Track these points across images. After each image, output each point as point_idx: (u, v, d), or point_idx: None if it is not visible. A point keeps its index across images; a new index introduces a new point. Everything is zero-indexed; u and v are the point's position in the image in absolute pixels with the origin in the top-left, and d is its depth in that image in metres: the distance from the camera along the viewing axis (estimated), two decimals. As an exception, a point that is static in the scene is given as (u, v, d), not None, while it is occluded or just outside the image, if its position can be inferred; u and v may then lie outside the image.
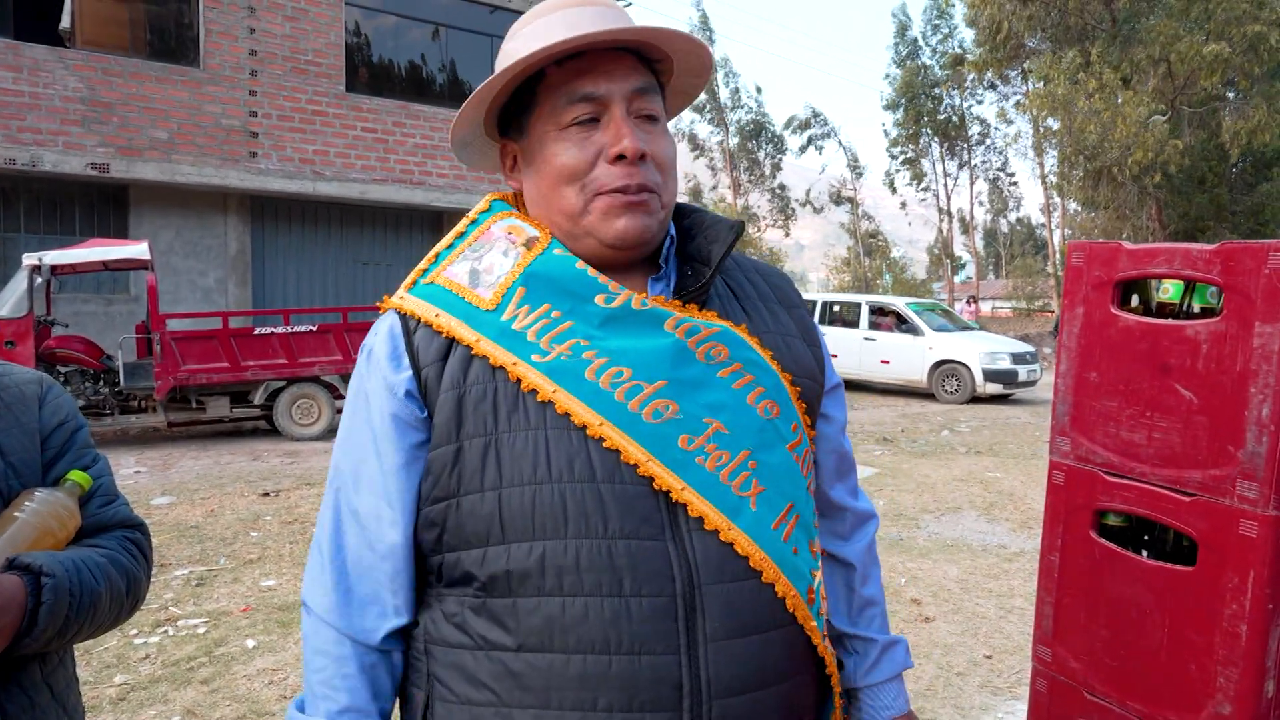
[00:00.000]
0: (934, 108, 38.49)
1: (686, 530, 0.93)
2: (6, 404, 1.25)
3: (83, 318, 11.81)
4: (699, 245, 1.07)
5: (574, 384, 0.94)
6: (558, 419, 0.94)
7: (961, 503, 6.95)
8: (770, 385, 1.03)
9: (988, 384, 13.90)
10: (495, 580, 0.93)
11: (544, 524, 0.91)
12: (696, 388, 0.98)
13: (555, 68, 1.00)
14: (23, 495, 1.19)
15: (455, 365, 0.97)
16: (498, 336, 0.97)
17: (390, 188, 14.32)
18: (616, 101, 0.99)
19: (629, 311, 0.99)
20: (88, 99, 11.92)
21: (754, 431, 0.99)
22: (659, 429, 0.94)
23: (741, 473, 0.96)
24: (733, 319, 1.05)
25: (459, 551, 0.96)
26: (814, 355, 1.13)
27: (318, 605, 1.01)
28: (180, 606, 4.43)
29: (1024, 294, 40.40)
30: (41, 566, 1.10)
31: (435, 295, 1.02)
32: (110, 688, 3.48)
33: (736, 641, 0.92)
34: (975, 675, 3.69)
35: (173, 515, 6.35)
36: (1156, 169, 21.28)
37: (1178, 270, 1.59)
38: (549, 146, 1.01)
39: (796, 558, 0.98)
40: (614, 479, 0.92)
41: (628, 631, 0.89)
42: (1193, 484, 1.54)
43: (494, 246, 1.04)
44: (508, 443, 0.94)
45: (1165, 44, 20.88)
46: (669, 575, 0.91)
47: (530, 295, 0.99)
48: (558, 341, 0.96)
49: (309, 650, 1.02)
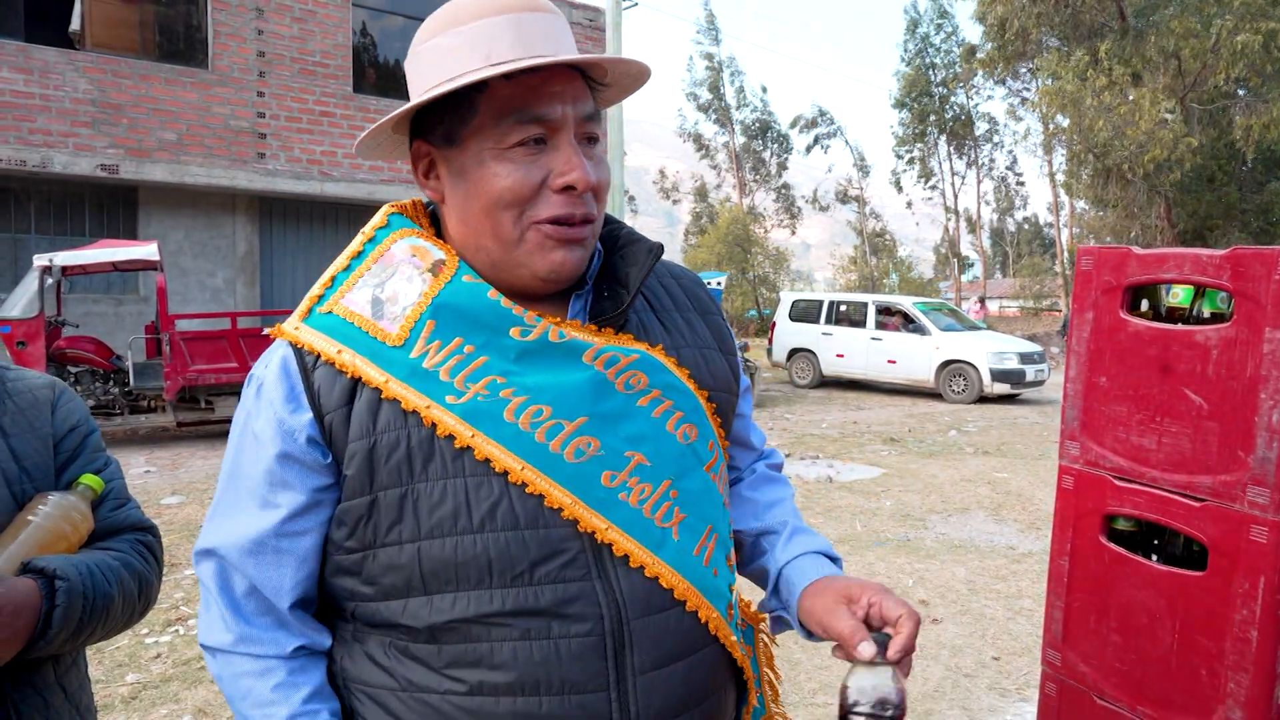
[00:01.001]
0: (941, 106, 38.41)
1: (612, 567, 0.91)
2: (20, 408, 1.26)
3: (93, 318, 11.88)
4: (616, 265, 1.03)
5: (492, 427, 0.90)
6: (476, 465, 0.89)
7: (969, 503, 6.94)
8: (688, 408, 1.00)
9: (995, 384, 13.86)
10: (418, 628, 0.90)
11: (468, 574, 0.88)
12: (617, 420, 0.95)
13: (504, 81, 0.91)
14: (36, 499, 1.20)
15: (363, 410, 0.91)
16: (408, 376, 0.91)
17: (397, 188, 14.36)
18: (568, 126, 0.93)
19: (546, 345, 0.94)
20: (97, 101, 11.98)
21: (674, 459, 0.97)
22: (581, 469, 0.91)
23: (664, 503, 0.95)
24: (650, 338, 1.02)
25: (377, 602, 0.93)
26: (729, 365, 1.10)
27: (222, 643, 0.96)
28: (190, 606, 4.45)
29: (1031, 293, 40.29)
30: (55, 570, 1.11)
31: (334, 328, 0.94)
32: (122, 686, 3.50)
33: (663, 671, 0.92)
34: (983, 677, 3.69)
35: (183, 514, 6.38)
36: (1170, 167, 21.17)
37: (1188, 275, 1.59)
38: (488, 165, 0.92)
39: (716, 579, 0.99)
40: (537, 524, 0.89)
41: (557, 672, 0.88)
42: (1203, 489, 1.53)
43: (397, 271, 0.96)
44: (425, 493, 0.89)
45: (1179, 38, 20.76)
46: (597, 614, 0.89)
47: (440, 329, 0.93)
48: (472, 380, 0.91)
49: (229, 688, 0.96)
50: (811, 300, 17.04)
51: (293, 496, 0.93)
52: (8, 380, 1.29)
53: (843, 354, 15.77)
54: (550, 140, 0.92)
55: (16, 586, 1.06)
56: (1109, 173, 23.17)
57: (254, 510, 0.95)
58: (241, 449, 0.97)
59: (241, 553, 0.95)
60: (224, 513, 0.98)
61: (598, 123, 0.97)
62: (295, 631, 0.97)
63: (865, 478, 7.98)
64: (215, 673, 0.99)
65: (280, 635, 0.96)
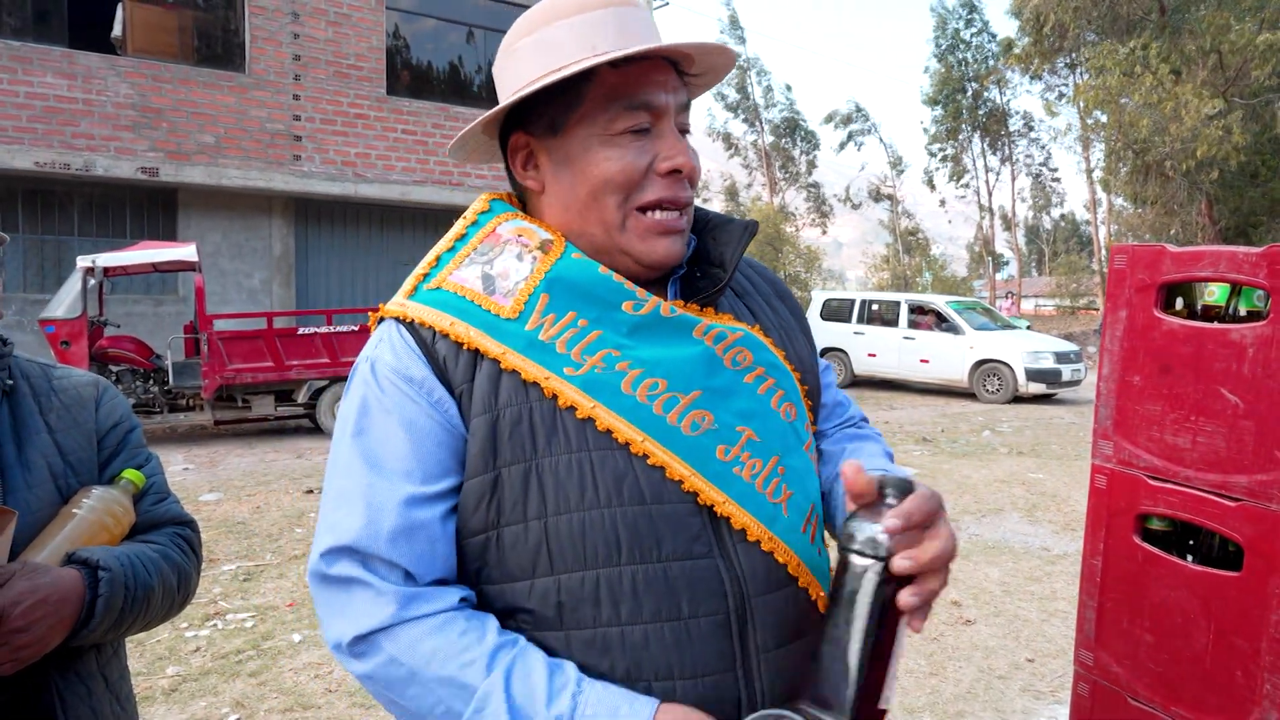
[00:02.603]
0: (974, 102, 37.94)
1: (732, 544, 0.91)
2: (65, 405, 1.30)
3: (133, 318, 12.12)
4: (708, 246, 1.04)
5: (612, 398, 0.90)
6: (600, 438, 0.89)
7: (1003, 504, 6.86)
8: (788, 388, 1.02)
9: (1030, 383, 13.67)
10: (545, 611, 0.88)
11: (596, 552, 0.87)
12: (727, 396, 0.96)
13: (610, 70, 0.94)
14: (80, 493, 1.24)
15: (484, 383, 0.90)
16: (525, 349, 0.90)
17: (430, 189, 14.49)
18: (671, 113, 0.96)
19: (658, 319, 0.95)
20: (138, 105, 12.23)
21: (779, 436, 0.98)
22: (698, 441, 0.92)
23: (773, 479, 0.95)
24: (745, 320, 1.04)
25: (501, 584, 0.91)
26: (810, 346, 1.13)
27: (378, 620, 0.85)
28: (228, 600, 4.53)
29: (1068, 291, 39.63)
30: (99, 561, 1.14)
31: (446, 302, 0.94)
32: (163, 679, 3.58)
33: (785, 649, 0.92)
34: (1017, 679, 3.65)
35: (220, 511, 6.50)
36: (1214, 164, 20.72)
37: (1223, 274, 1.56)
38: (595, 150, 0.94)
39: (820, 558, 1.00)
40: (662, 499, 0.89)
41: (690, 654, 0.87)
42: (1238, 489, 1.51)
43: (504, 250, 0.97)
44: (550, 468, 0.88)
45: (1216, 34, 20.33)
46: (722, 593, 0.89)
47: (554, 302, 0.93)
48: (589, 352, 0.91)
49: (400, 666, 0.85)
50: (843, 299, 16.93)
51: (440, 470, 0.89)
52: (53, 378, 1.33)
53: (875, 353, 15.64)
54: (654, 127, 0.95)
55: (62, 576, 1.10)
56: (1148, 169, 22.73)
57: (400, 488, 0.88)
58: (365, 431, 0.91)
59: (388, 539, 0.87)
60: (351, 504, 0.89)
61: (689, 114, 1.00)
62: (453, 587, 0.91)
63: (897, 478, 7.90)
64: (369, 668, 0.87)
65: (442, 591, 0.89)
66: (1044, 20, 24.40)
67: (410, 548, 0.88)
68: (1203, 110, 19.97)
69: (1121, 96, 21.56)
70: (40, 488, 1.20)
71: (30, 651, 1.06)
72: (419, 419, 0.90)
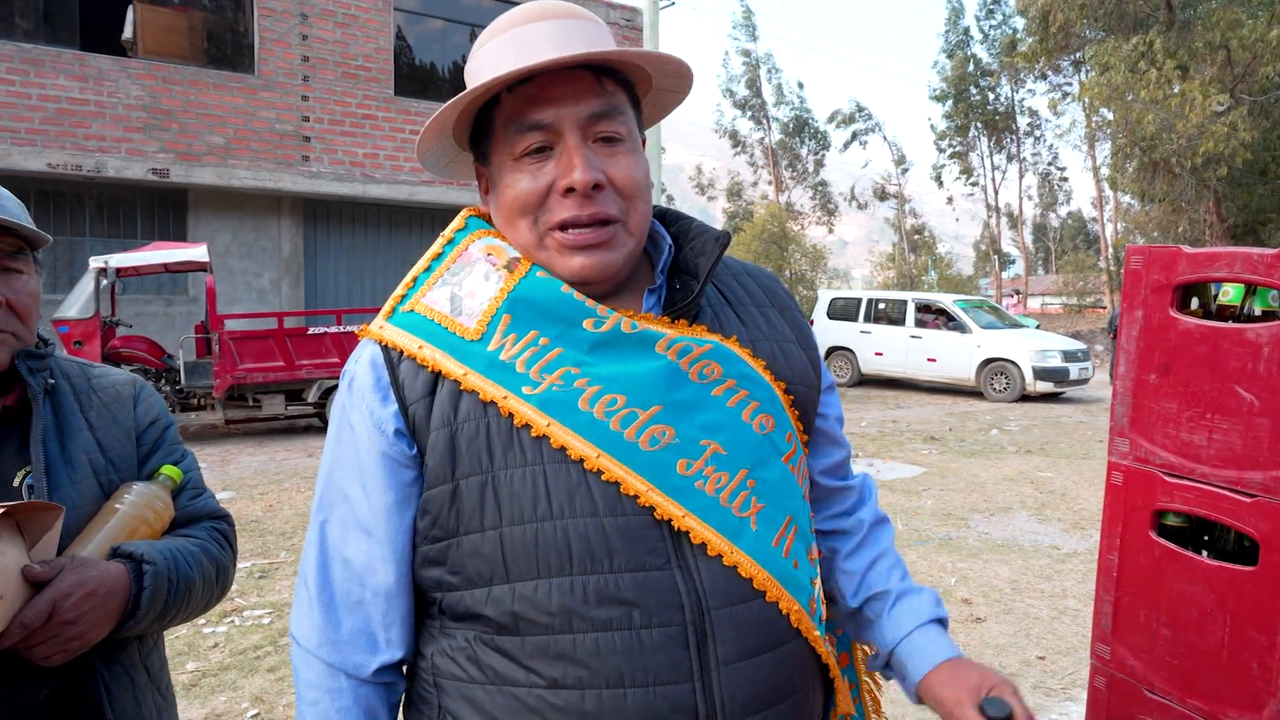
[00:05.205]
0: (984, 99, 37.86)
1: (691, 556, 0.92)
2: (104, 403, 1.34)
3: (144, 318, 12.19)
4: (685, 257, 1.04)
5: (568, 415, 0.92)
6: (554, 453, 0.91)
7: (1012, 503, 6.86)
8: (764, 398, 1.01)
9: (1038, 382, 13.66)
10: (502, 618, 0.91)
11: (548, 562, 0.90)
12: (691, 409, 0.96)
13: (508, 94, 0.95)
14: (121, 488, 1.27)
15: (444, 400, 0.94)
16: (486, 369, 0.94)
17: (438, 189, 14.54)
18: (569, 129, 0.94)
19: (619, 335, 0.96)
20: (149, 106, 12.30)
21: (751, 448, 0.98)
22: (656, 456, 0.92)
23: (741, 492, 0.95)
24: (725, 330, 1.03)
25: (461, 591, 0.94)
26: (809, 359, 1.10)
27: (306, 640, 0.99)
28: (245, 598, 4.58)
29: (1075, 289, 39.50)
30: (143, 555, 1.18)
31: (416, 325, 0.98)
32: (183, 674, 3.62)
33: (747, 663, 0.92)
34: (1028, 676, 3.67)
35: (234, 510, 6.55)
36: (1221, 161, 20.61)
37: (1238, 274, 1.58)
38: (505, 176, 0.98)
39: (797, 571, 0.99)
40: (616, 511, 0.90)
41: (641, 663, 0.88)
42: (1254, 485, 1.53)
43: (474, 269, 1.00)
44: (505, 480, 0.91)
45: (1227, 29, 20.23)
46: (678, 604, 0.90)
47: (516, 322, 0.95)
48: (548, 371, 0.93)
49: (301, 684, 1.00)
50: (850, 298, 16.93)
51: (384, 491, 0.96)
52: (92, 377, 1.37)
53: (881, 352, 15.64)
54: (555, 146, 0.95)
55: (109, 570, 1.13)
56: (1155, 166, 22.66)
57: (358, 500, 0.97)
58: (340, 441, 1.00)
59: (337, 547, 0.99)
60: (327, 501, 1.01)
61: (617, 120, 0.97)
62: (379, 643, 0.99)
63: (906, 476, 7.93)
64: (295, 665, 1.03)
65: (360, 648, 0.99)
66: (1051, 20, 24.32)
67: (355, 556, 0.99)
68: (1208, 107, 19.88)
69: (1127, 93, 21.46)
70: (83, 484, 1.23)
71: (79, 643, 1.09)
72: (372, 434, 0.97)
